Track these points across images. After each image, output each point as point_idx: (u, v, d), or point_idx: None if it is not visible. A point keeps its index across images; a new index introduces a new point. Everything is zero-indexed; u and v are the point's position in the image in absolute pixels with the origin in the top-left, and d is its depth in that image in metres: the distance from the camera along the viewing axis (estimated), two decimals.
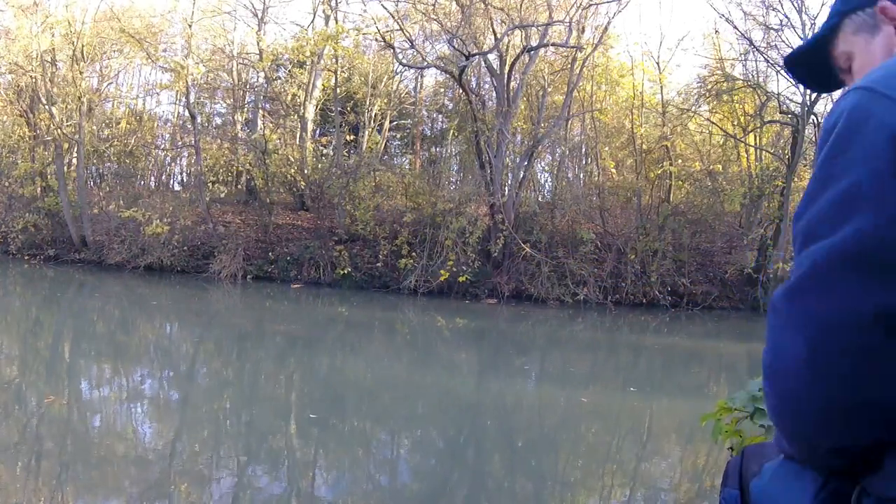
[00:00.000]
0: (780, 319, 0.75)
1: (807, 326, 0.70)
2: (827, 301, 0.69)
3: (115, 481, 4.42)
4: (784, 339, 0.73)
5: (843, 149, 0.74)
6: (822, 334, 0.69)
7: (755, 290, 14.09)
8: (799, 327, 0.71)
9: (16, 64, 16.53)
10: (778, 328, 0.75)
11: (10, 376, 6.96)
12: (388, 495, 4.72)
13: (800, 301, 0.72)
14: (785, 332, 0.73)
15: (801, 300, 0.72)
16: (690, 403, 7.29)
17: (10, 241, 17.18)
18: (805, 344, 0.70)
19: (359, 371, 8.49)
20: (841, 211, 0.71)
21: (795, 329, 0.72)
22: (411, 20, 16.56)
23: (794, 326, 0.72)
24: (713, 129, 16.38)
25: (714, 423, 1.76)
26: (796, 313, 0.72)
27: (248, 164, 17.41)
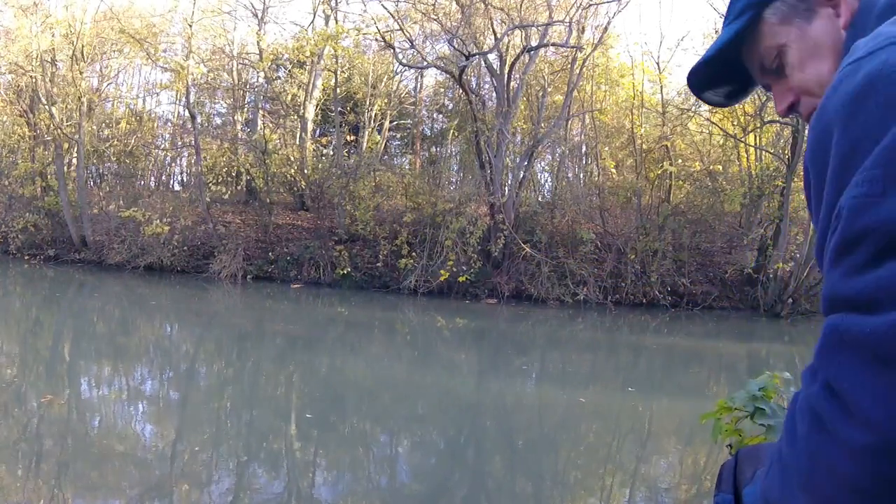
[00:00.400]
0: (888, 371, 0.47)
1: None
2: None
3: (114, 481, 4.42)
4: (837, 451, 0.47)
5: None
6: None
7: (755, 290, 14.08)
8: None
9: (16, 64, 16.54)
10: (886, 383, 0.47)
11: (10, 376, 6.96)
12: (388, 495, 4.72)
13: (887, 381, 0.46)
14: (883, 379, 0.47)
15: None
16: (690, 403, 7.29)
17: (10, 241, 17.19)
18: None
19: (359, 371, 8.49)
20: None
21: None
22: (411, 20, 16.57)
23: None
24: (713, 129, 16.38)
25: (714, 423, 1.75)
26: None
27: (248, 164, 17.41)
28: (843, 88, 0.60)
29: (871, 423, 0.46)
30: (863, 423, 0.47)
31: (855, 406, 0.48)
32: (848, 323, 0.51)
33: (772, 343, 11.84)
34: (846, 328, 0.51)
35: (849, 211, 0.54)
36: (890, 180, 0.52)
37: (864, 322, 0.49)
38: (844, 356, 0.50)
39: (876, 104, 0.55)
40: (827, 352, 0.52)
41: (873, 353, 0.48)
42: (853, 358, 0.49)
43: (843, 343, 0.51)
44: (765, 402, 1.64)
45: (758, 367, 8.41)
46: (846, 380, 0.49)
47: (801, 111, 0.89)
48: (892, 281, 0.49)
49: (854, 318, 0.51)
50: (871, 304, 0.50)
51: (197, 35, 17.44)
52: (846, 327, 0.51)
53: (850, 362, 0.49)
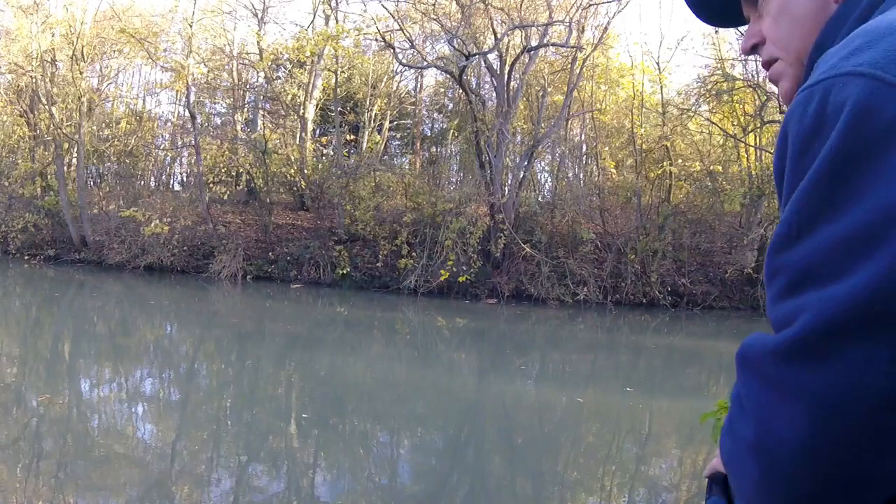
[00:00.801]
0: (769, 389, 0.58)
1: (808, 403, 0.55)
2: (835, 372, 0.53)
3: (114, 481, 4.42)
4: (776, 415, 0.57)
5: (858, 160, 0.56)
6: (827, 414, 0.54)
7: (755, 290, 14.08)
8: (796, 403, 0.55)
9: (16, 64, 16.54)
10: (766, 399, 0.59)
11: (10, 376, 6.96)
12: (388, 495, 4.71)
13: (799, 370, 0.56)
14: (777, 407, 0.57)
15: (801, 369, 0.55)
16: (690, 403, 7.29)
17: (10, 241, 17.19)
18: (806, 424, 0.55)
19: (359, 371, 8.49)
20: (858, 250, 0.54)
21: (791, 404, 0.56)
22: (411, 20, 16.57)
23: (790, 401, 0.56)
24: (713, 129, 16.38)
25: (714, 423, 1.75)
26: (794, 385, 0.56)
27: (248, 164, 17.41)
28: (797, 121, 0.62)
29: (754, 422, 0.60)
30: (750, 421, 0.60)
31: (747, 409, 0.61)
32: (753, 344, 0.62)
33: None
34: (751, 350, 0.62)
35: (771, 246, 0.62)
36: (803, 224, 0.59)
37: (760, 344, 0.61)
38: (745, 371, 0.63)
39: (817, 148, 0.59)
40: (738, 367, 0.64)
41: (760, 372, 0.60)
42: (749, 372, 0.62)
43: (745, 361, 0.63)
44: None
45: None
46: (744, 389, 0.62)
47: (760, 55, 0.84)
48: (786, 314, 0.59)
49: (760, 339, 0.61)
50: (777, 329, 0.60)
51: (197, 35, 17.44)
52: (751, 349, 0.62)
53: (747, 376, 0.62)
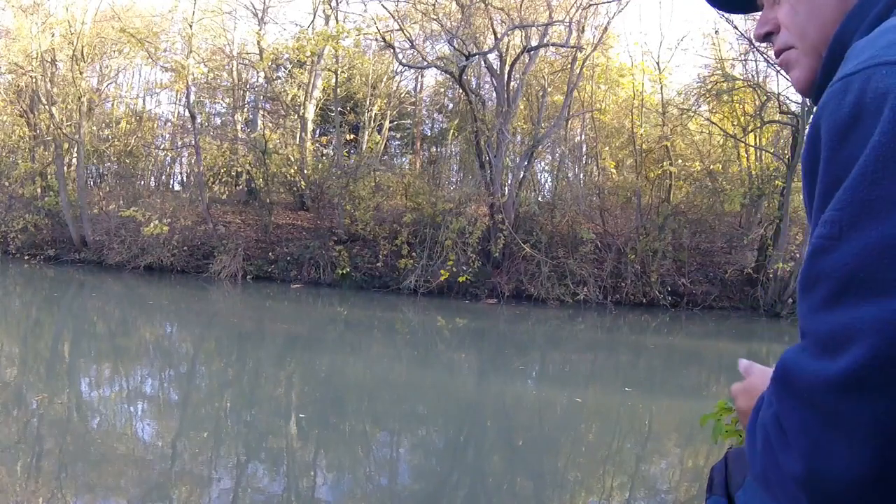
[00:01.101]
0: (822, 422, 0.53)
1: (872, 438, 0.49)
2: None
3: (114, 481, 4.42)
4: (832, 450, 0.52)
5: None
6: (893, 447, 0.49)
7: (755, 290, 14.08)
8: (858, 437, 0.50)
9: (16, 64, 16.54)
10: (819, 433, 0.53)
11: (10, 376, 6.96)
12: (388, 495, 4.72)
13: (859, 402, 0.50)
14: (834, 442, 0.51)
15: (862, 401, 0.50)
16: (690, 403, 7.29)
17: (10, 241, 17.19)
18: (868, 459, 0.50)
19: (359, 371, 8.49)
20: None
21: (851, 439, 0.50)
22: (411, 20, 16.57)
23: (851, 435, 0.50)
24: (713, 129, 16.38)
25: (714, 424, 1.75)
26: (854, 419, 0.50)
27: (248, 164, 17.41)
28: (832, 112, 0.59)
29: (803, 457, 0.54)
30: (798, 456, 0.54)
31: (794, 442, 0.55)
32: (798, 367, 0.56)
33: (772, 343, 11.84)
34: (796, 373, 0.56)
35: (811, 250, 0.57)
36: (847, 224, 0.54)
37: (810, 370, 0.54)
38: (790, 399, 0.56)
39: (856, 139, 0.56)
40: (778, 389, 0.58)
41: (811, 402, 0.54)
42: (796, 401, 0.55)
43: (790, 386, 0.56)
44: None
45: None
46: (789, 418, 0.56)
47: (773, 44, 0.81)
48: (835, 331, 0.53)
49: (805, 361, 0.55)
50: (822, 347, 0.54)
51: (197, 35, 17.44)
52: (796, 372, 0.56)
53: (793, 405, 0.56)
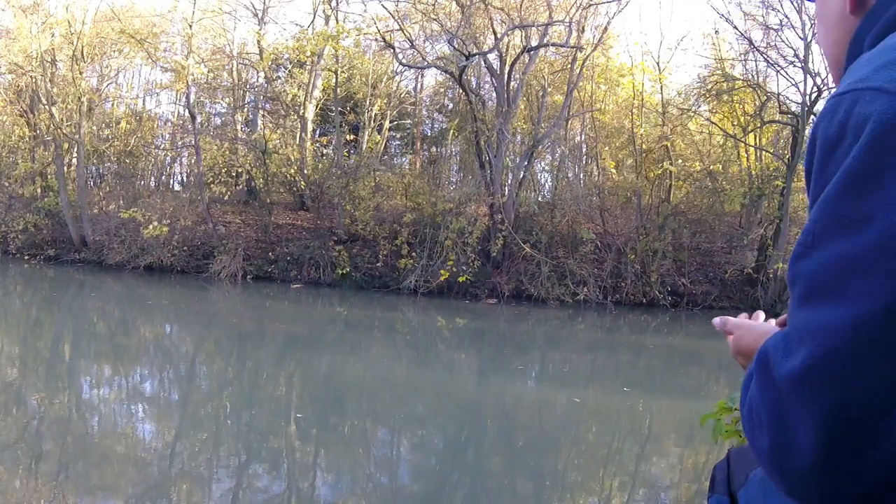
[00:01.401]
0: (779, 404, 0.61)
1: (815, 419, 0.57)
2: (845, 389, 0.56)
3: (114, 481, 4.42)
4: (786, 429, 0.60)
5: (874, 180, 0.56)
6: (838, 428, 0.56)
7: (755, 290, 14.08)
8: (806, 419, 0.58)
9: (16, 64, 16.54)
10: (775, 413, 0.61)
11: (10, 376, 6.96)
12: (388, 495, 4.72)
13: (808, 389, 0.58)
14: (787, 421, 0.60)
15: (812, 388, 0.57)
16: (690, 403, 7.29)
17: (10, 241, 17.19)
18: (816, 440, 0.57)
19: (359, 371, 8.49)
20: (872, 267, 0.55)
21: (806, 423, 0.58)
22: (411, 20, 16.57)
23: (804, 420, 0.58)
24: (713, 129, 16.38)
25: (714, 424, 1.75)
26: (804, 402, 0.58)
27: (248, 164, 17.41)
28: (824, 128, 0.64)
29: (770, 437, 0.61)
30: (766, 435, 0.61)
31: (764, 421, 0.62)
32: (772, 357, 0.62)
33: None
34: (770, 363, 0.62)
35: (793, 254, 0.63)
36: (818, 235, 0.60)
37: (779, 362, 0.61)
38: (763, 384, 0.63)
39: (838, 158, 0.61)
40: (758, 374, 0.64)
41: (777, 390, 0.60)
42: (766, 387, 0.62)
43: (765, 373, 0.63)
44: None
45: None
46: (761, 401, 0.63)
47: None
48: (798, 329, 0.60)
49: (779, 352, 0.61)
50: (792, 340, 0.60)
51: (197, 35, 17.43)
52: (771, 362, 0.62)
53: (764, 390, 0.63)
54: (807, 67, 13.61)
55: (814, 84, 13.64)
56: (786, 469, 0.61)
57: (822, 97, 13.71)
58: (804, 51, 13.61)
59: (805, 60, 13.60)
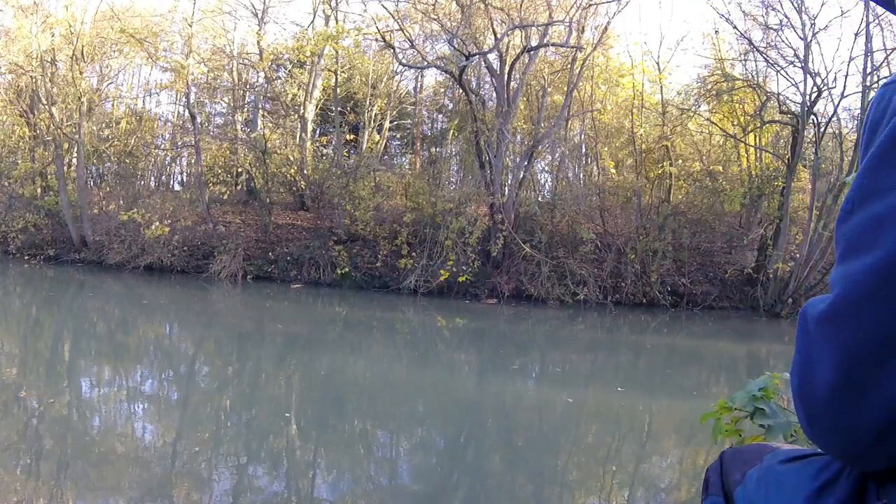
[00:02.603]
0: (808, 342, 0.71)
1: (833, 354, 0.66)
2: (857, 328, 0.64)
3: (114, 481, 4.42)
4: (811, 364, 0.70)
5: (892, 159, 0.66)
6: (849, 364, 0.65)
7: (755, 290, 14.08)
8: (826, 354, 0.67)
9: (16, 64, 16.54)
10: (805, 351, 0.71)
11: (10, 376, 6.96)
12: (388, 495, 4.72)
13: (830, 327, 0.67)
14: (813, 357, 0.69)
15: (832, 326, 0.67)
16: (690, 403, 7.29)
17: (10, 241, 17.19)
18: (838, 372, 0.66)
19: (359, 371, 8.49)
20: (879, 228, 0.65)
21: (823, 355, 0.68)
22: (411, 20, 16.58)
23: (822, 352, 0.68)
24: (713, 129, 16.38)
25: (714, 423, 1.75)
26: (826, 339, 0.67)
27: (248, 164, 17.41)
28: (872, 113, 0.72)
29: (798, 372, 0.72)
30: (796, 371, 0.72)
31: (795, 360, 0.72)
32: (809, 307, 0.72)
33: (772, 343, 11.84)
34: (806, 310, 0.72)
35: (837, 220, 0.72)
36: (857, 202, 0.68)
37: (814, 309, 0.70)
38: (800, 328, 0.73)
39: (877, 138, 0.69)
40: (798, 325, 0.74)
41: (807, 331, 0.71)
42: (801, 331, 0.72)
43: (801, 320, 0.73)
44: (765, 403, 1.64)
45: (758, 367, 8.41)
46: (798, 343, 0.73)
47: None
48: (832, 281, 0.69)
49: (815, 303, 0.71)
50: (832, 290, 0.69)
51: (197, 35, 17.45)
52: (807, 309, 0.72)
53: (800, 333, 0.72)
54: (807, 67, 13.60)
55: (814, 84, 13.64)
56: (807, 404, 0.70)
57: (821, 97, 13.72)
58: (804, 51, 13.61)
59: (805, 60, 13.60)
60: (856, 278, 0.65)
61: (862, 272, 0.65)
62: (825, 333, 0.68)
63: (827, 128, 14.05)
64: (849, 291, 0.66)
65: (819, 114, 14.05)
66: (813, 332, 0.70)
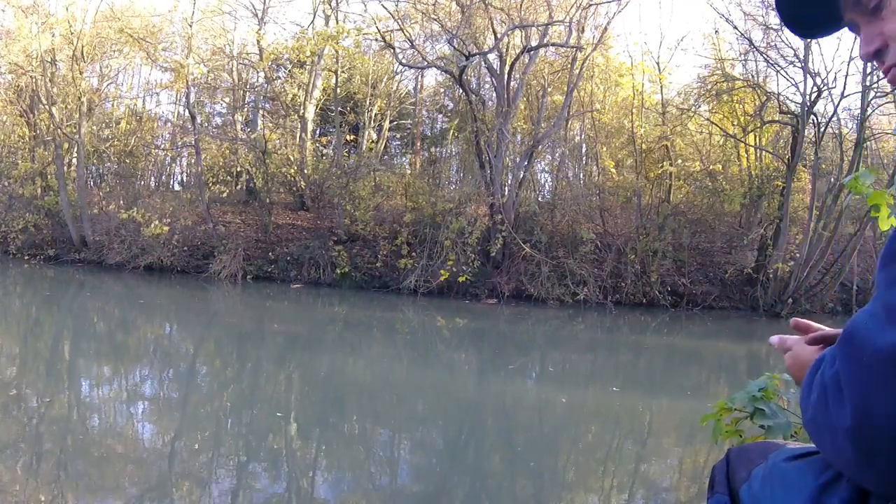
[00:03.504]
0: (870, 376, 0.62)
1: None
2: None
3: (114, 481, 4.42)
4: (874, 399, 0.61)
5: None
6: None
7: (755, 290, 14.08)
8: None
9: (16, 64, 16.53)
10: (864, 385, 0.62)
11: (10, 376, 6.96)
12: (388, 495, 4.71)
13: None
14: (881, 397, 0.61)
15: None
16: (690, 403, 7.29)
17: (10, 241, 17.18)
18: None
19: (359, 371, 8.49)
20: None
21: (893, 390, 0.60)
22: (411, 20, 16.57)
23: (893, 388, 0.60)
24: (713, 129, 16.37)
25: (714, 424, 1.75)
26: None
27: (248, 164, 17.41)
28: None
29: (854, 411, 0.61)
30: (850, 410, 0.62)
31: (848, 397, 0.62)
32: (862, 333, 0.63)
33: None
34: (859, 338, 0.63)
35: (890, 237, 0.65)
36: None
37: (871, 337, 0.61)
38: (852, 360, 0.63)
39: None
40: (844, 351, 0.64)
41: (868, 364, 0.61)
42: (856, 362, 0.62)
43: (853, 349, 0.63)
44: (764, 403, 1.64)
45: (758, 368, 8.40)
46: (848, 377, 0.63)
47: (885, 60, 0.82)
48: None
49: (871, 327, 0.62)
50: (889, 315, 0.61)
51: (197, 35, 17.44)
52: (859, 337, 0.63)
53: (853, 365, 0.63)
54: (807, 67, 13.60)
55: (814, 84, 13.64)
56: (866, 443, 0.61)
57: (821, 97, 13.72)
58: (804, 51, 13.61)
59: (805, 60, 13.60)
60: None
61: None
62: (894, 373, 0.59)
63: (827, 128, 14.04)
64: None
65: (819, 114, 14.05)
66: (878, 366, 0.61)
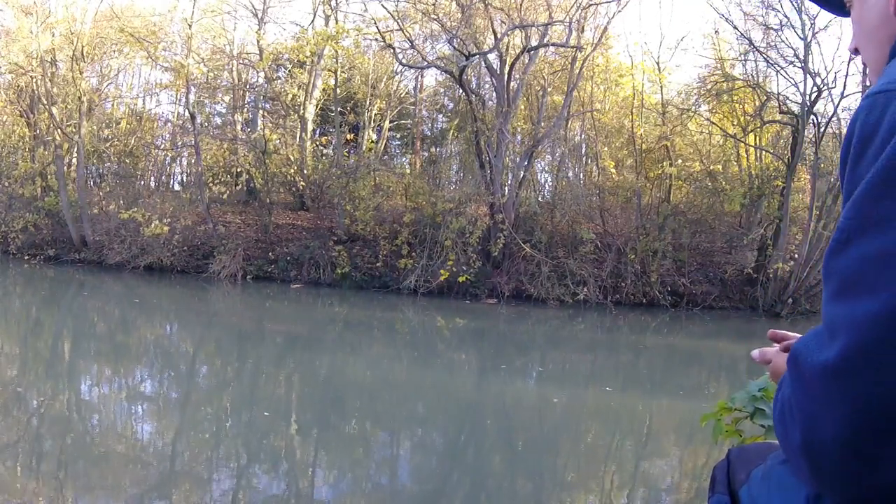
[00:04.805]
0: (811, 396, 0.63)
1: (845, 410, 0.59)
2: (875, 383, 0.57)
3: (114, 481, 4.42)
4: (816, 419, 0.62)
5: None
6: (866, 420, 0.58)
7: (755, 290, 14.08)
8: (837, 409, 0.60)
9: (16, 64, 16.53)
10: (807, 405, 0.63)
11: (10, 376, 6.95)
12: (388, 495, 4.71)
13: (840, 381, 0.59)
14: (817, 412, 0.61)
15: (843, 380, 0.59)
16: (690, 403, 7.29)
17: (10, 241, 17.18)
18: (845, 429, 0.59)
19: (359, 371, 8.49)
20: (886, 265, 0.58)
21: (831, 410, 0.60)
22: (411, 20, 16.56)
23: (830, 407, 0.60)
24: (713, 129, 16.37)
25: (714, 424, 1.75)
26: (836, 393, 0.60)
27: (248, 164, 17.40)
28: (861, 126, 0.65)
29: (802, 431, 0.63)
30: (799, 430, 0.63)
31: (797, 417, 0.64)
32: (803, 354, 0.64)
33: (772, 343, 11.83)
34: (801, 360, 0.64)
35: (828, 249, 0.65)
36: (853, 231, 0.62)
37: (810, 357, 0.63)
38: (796, 382, 0.65)
39: (870, 157, 0.63)
40: (790, 372, 0.67)
41: (809, 385, 0.63)
42: (799, 384, 0.64)
43: (797, 371, 0.65)
44: (765, 403, 1.64)
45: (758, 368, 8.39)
46: (794, 398, 0.65)
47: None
48: (831, 322, 0.62)
49: (811, 347, 0.64)
50: (826, 334, 0.62)
51: (197, 35, 17.43)
52: (801, 359, 0.64)
53: (797, 387, 0.65)
54: (807, 67, 13.60)
55: (814, 84, 13.65)
56: (816, 462, 0.62)
57: (821, 97, 13.72)
58: (804, 51, 13.61)
59: (805, 60, 13.60)
60: (866, 325, 0.58)
61: (872, 318, 0.57)
62: (836, 387, 0.60)
63: (827, 128, 14.04)
64: (863, 340, 0.58)
65: (819, 114, 14.06)
66: (816, 386, 0.62)
